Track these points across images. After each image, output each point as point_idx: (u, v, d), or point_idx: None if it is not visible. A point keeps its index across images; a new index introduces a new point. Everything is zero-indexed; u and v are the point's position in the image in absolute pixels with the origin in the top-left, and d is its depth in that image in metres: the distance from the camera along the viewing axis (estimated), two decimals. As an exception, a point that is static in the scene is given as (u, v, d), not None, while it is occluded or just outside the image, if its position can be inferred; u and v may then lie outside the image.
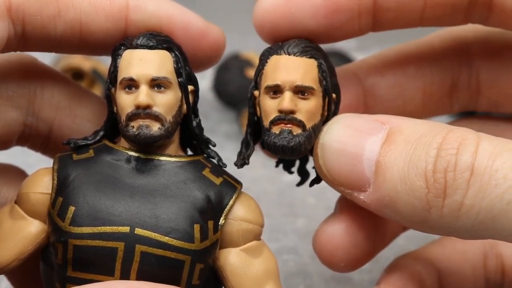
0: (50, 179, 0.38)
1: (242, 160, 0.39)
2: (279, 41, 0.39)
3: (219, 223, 0.37)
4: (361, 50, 0.84)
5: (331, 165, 0.36)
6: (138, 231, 0.35)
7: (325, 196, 0.37)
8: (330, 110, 0.38)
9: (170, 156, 0.38)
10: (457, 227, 0.33)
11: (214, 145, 0.40)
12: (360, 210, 0.38)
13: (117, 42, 0.39)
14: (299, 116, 0.37)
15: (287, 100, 0.37)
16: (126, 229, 0.35)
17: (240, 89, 0.74)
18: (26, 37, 0.39)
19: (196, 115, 0.39)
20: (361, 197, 0.36)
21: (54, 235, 0.37)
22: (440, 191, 0.33)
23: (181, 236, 0.36)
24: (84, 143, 0.39)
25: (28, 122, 0.42)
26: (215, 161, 0.39)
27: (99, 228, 0.35)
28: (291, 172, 0.42)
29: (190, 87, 0.38)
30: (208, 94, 0.79)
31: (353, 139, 0.36)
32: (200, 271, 0.36)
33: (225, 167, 0.39)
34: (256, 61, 0.45)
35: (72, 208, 0.36)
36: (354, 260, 0.41)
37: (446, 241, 0.45)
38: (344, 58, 0.78)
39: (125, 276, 0.35)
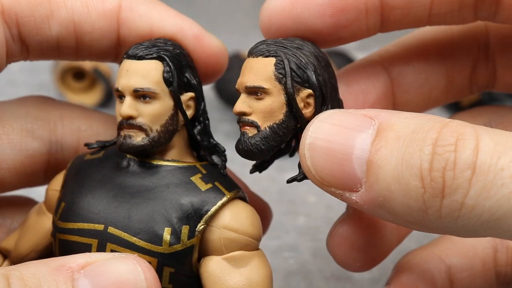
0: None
1: (253, 167, 0.40)
2: None
3: (196, 229, 0.37)
4: (362, 49, 0.85)
5: (319, 165, 0.34)
6: (111, 229, 0.36)
7: (326, 194, 0.37)
8: (297, 106, 0.36)
9: (166, 160, 0.38)
10: (457, 227, 0.32)
11: (224, 150, 0.40)
12: None
13: (114, 44, 0.40)
14: (252, 117, 0.36)
15: (238, 102, 0.37)
16: (100, 227, 0.36)
17: (240, 88, 0.74)
18: (23, 40, 0.39)
19: (200, 122, 0.39)
20: (353, 197, 0.34)
21: (52, 228, 0.38)
22: (437, 190, 0.31)
23: (148, 238, 0.36)
24: (101, 145, 0.40)
25: (53, 151, 0.43)
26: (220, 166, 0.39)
27: (78, 224, 0.37)
28: None
29: (189, 94, 0.39)
30: (208, 93, 0.79)
31: (341, 137, 0.34)
32: (171, 275, 0.36)
33: (225, 174, 0.39)
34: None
35: (63, 204, 0.38)
36: (369, 259, 0.40)
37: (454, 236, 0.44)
38: (346, 58, 0.78)
39: None
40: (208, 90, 0.78)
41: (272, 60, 0.37)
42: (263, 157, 0.37)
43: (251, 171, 0.40)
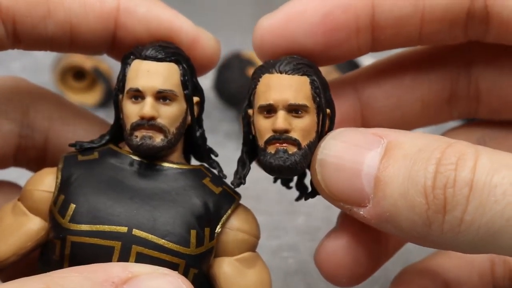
0: (53, 178, 0.39)
1: (239, 180, 0.39)
2: None
3: (215, 231, 0.38)
4: (367, 54, 0.84)
5: (329, 180, 0.36)
6: (136, 232, 0.36)
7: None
8: (325, 126, 0.38)
9: (172, 163, 0.39)
10: (458, 243, 0.33)
11: (217, 155, 0.40)
12: (361, 225, 0.38)
13: (107, 43, 0.40)
14: (293, 134, 0.36)
15: (280, 119, 0.36)
16: (124, 229, 0.36)
17: (241, 88, 0.74)
18: (18, 36, 0.39)
19: (200, 126, 0.40)
20: (361, 212, 0.35)
21: (53, 231, 0.38)
22: (440, 207, 0.33)
23: (177, 240, 0.36)
24: (89, 146, 0.39)
25: (23, 133, 0.44)
26: (215, 171, 0.40)
27: (97, 226, 0.36)
28: (289, 187, 0.42)
29: (196, 99, 0.39)
30: (209, 93, 0.79)
31: (351, 154, 0.35)
32: (194, 276, 0.37)
33: (225, 178, 0.40)
34: (257, 60, 0.45)
35: (72, 206, 0.37)
36: (356, 275, 0.40)
37: None
38: (351, 63, 0.78)
39: None
40: (208, 90, 0.78)
41: (307, 79, 0.37)
42: (298, 174, 0.38)
43: (239, 184, 0.39)
